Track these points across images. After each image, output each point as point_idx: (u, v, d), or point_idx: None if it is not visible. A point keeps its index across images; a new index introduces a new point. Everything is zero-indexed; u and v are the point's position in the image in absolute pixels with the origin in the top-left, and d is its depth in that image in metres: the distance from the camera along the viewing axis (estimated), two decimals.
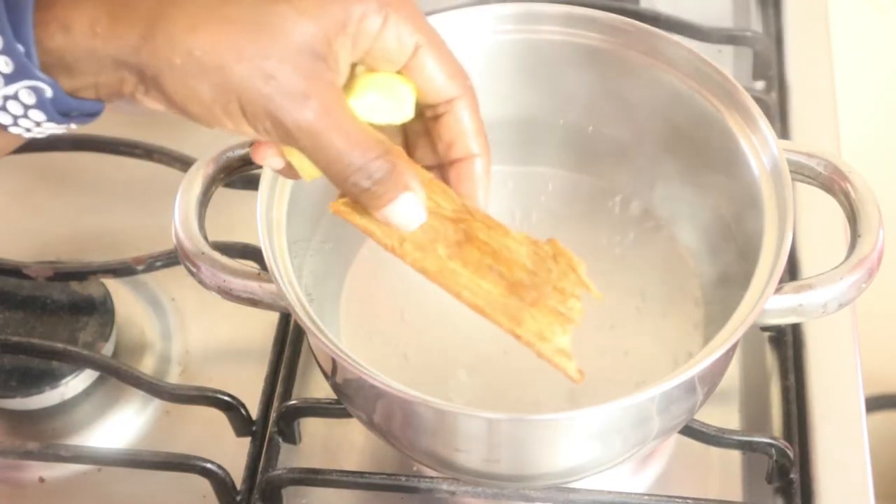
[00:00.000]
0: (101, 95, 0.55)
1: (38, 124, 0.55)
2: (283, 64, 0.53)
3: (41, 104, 0.54)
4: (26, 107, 0.54)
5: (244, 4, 0.54)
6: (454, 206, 0.61)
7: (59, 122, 0.55)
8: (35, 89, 0.53)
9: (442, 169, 0.62)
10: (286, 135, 0.54)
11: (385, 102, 0.58)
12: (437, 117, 0.60)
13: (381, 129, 0.58)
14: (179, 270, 0.71)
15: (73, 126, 0.56)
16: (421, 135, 0.62)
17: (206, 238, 0.69)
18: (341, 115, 0.55)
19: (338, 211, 0.60)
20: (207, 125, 0.55)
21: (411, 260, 0.61)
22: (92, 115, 0.56)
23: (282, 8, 0.54)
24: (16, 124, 0.55)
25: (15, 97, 0.53)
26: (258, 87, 0.53)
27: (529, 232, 0.62)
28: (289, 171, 0.60)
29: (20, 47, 0.52)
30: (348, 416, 0.75)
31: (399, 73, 0.59)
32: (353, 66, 0.58)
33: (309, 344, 0.76)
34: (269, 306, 0.68)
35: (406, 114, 0.59)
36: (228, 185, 0.73)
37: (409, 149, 0.63)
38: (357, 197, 0.57)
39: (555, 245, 0.62)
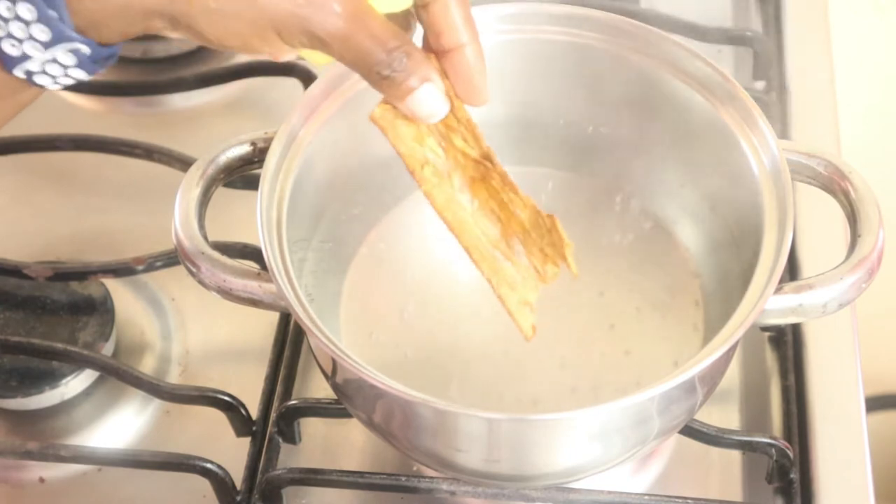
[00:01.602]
0: (127, 38, 0.58)
1: (65, 70, 0.57)
2: None
3: (80, 63, 0.56)
4: (65, 67, 0.56)
5: None
6: (481, 151, 0.65)
7: (90, 72, 0.57)
8: (74, 51, 0.55)
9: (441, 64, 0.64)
10: (320, 44, 0.58)
11: None
12: (425, 7, 0.62)
13: None
14: (179, 270, 0.71)
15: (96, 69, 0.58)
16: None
17: (206, 238, 0.69)
18: (366, 15, 0.58)
19: (374, 120, 0.63)
20: (242, 52, 0.59)
21: (427, 187, 0.64)
22: (111, 57, 0.58)
23: None
24: (43, 72, 0.57)
25: (54, 60, 0.56)
26: (291, 10, 0.56)
27: None
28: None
29: (52, 13, 0.54)
30: (348, 416, 0.75)
31: None
32: None
33: (309, 344, 0.76)
34: (269, 306, 0.68)
35: (405, 1, 0.61)
36: (228, 185, 0.73)
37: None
38: (380, 85, 0.60)
39: (553, 221, 0.64)
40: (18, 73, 0.56)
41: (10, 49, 0.55)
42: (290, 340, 0.82)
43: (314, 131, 0.72)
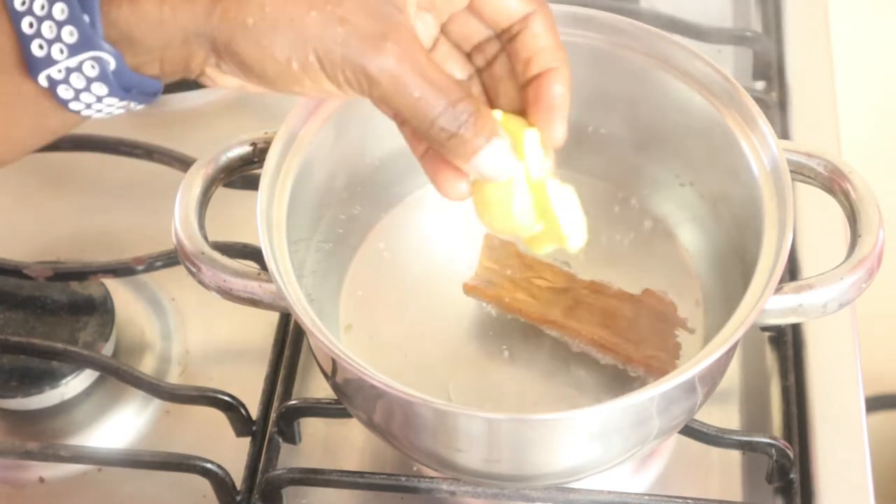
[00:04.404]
0: (166, 71, 0.55)
1: (99, 99, 0.54)
2: (355, 8, 0.53)
3: (104, 76, 0.53)
4: (89, 80, 0.53)
5: None
6: (563, 279, 0.74)
7: (121, 98, 0.54)
8: (98, 61, 0.53)
9: (524, 96, 0.61)
10: (368, 80, 0.54)
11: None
12: (513, 38, 0.59)
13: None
14: (179, 270, 0.71)
15: (133, 106, 0.56)
16: (503, 79, 0.61)
17: (206, 238, 0.69)
18: (420, 56, 0.54)
19: (471, 290, 0.74)
20: (287, 89, 0.55)
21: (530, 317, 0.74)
22: (151, 94, 0.56)
23: None
24: (77, 99, 0.54)
25: (78, 69, 0.53)
26: (333, 34, 0.53)
27: None
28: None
29: (86, 17, 0.52)
30: (348, 416, 0.75)
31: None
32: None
33: (309, 344, 0.76)
34: (269, 306, 0.68)
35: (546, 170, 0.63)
36: (228, 185, 0.73)
37: (491, 97, 0.63)
38: (445, 145, 0.56)
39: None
40: (42, 80, 0.53)
41: (38, 51, 0.52)
42: (290, 340, 0.82)
43: (314, 131, 0.72)
